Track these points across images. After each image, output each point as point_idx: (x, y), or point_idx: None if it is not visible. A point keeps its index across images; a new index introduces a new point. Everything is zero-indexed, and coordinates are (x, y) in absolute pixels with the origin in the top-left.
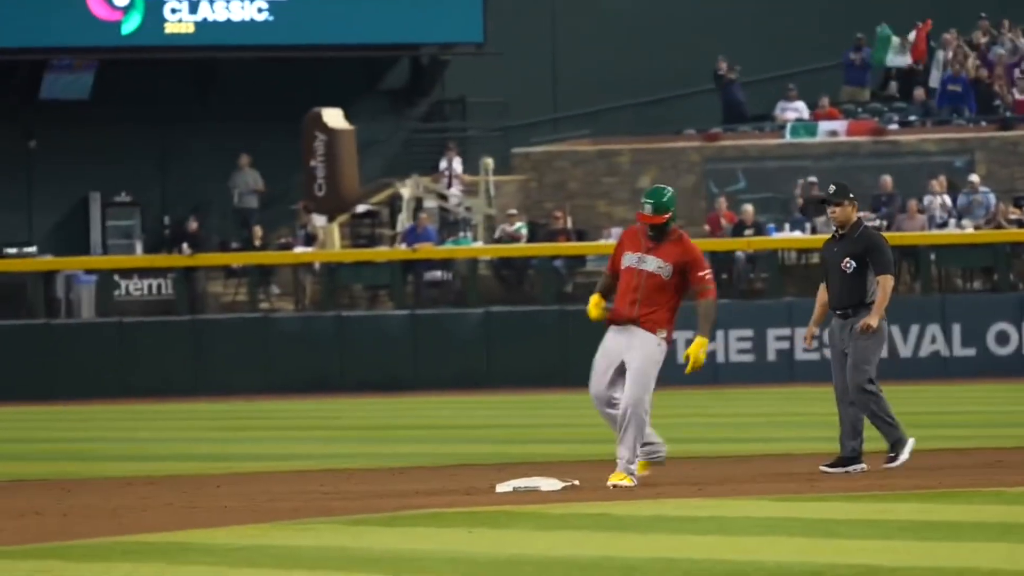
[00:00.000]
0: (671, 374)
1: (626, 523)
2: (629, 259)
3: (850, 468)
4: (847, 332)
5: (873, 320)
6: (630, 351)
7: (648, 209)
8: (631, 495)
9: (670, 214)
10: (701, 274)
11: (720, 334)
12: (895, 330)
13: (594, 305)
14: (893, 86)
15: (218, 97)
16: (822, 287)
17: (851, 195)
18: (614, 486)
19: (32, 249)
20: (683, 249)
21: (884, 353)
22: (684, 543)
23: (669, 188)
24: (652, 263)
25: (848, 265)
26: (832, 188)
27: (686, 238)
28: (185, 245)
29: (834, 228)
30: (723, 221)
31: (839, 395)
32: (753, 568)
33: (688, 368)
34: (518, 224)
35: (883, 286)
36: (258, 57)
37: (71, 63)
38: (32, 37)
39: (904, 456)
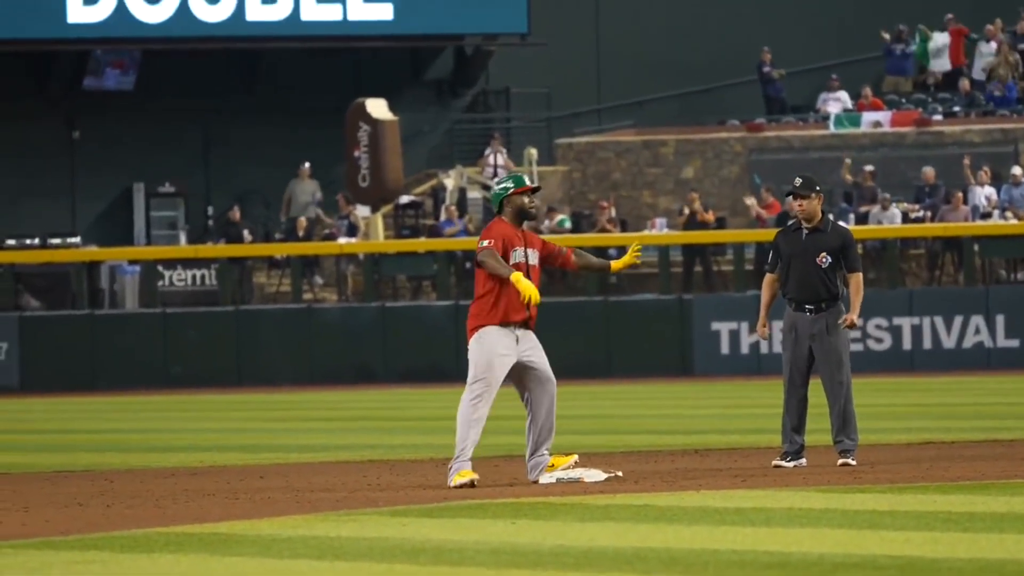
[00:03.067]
0: (716, 368)
1: (669, 514)
2: (517, 255)
3: (799, 462)
4: (818, 327)
5: (857, 317)
6: (535, 351)
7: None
8: (673, 487)
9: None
10: (559, 248)
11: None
12: (939, 321)
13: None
14: (931, 77)
15: (262, 87)
16: (771, 277)
17: (818, 188)
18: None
19: (76, 239)
20: (536, 236)
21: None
22: (727, 534)
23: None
24: (532, 256)
25: (824, 260)
26: (798, 181)
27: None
28: (246, 232)
29: (794, 220)
30: (760, 212)
31: (796, 390)
32: (796, 559)
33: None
34: (560, 218)
35: (859, 283)
36: (302, 47)
37: (114, 58)
38: (75, 27)
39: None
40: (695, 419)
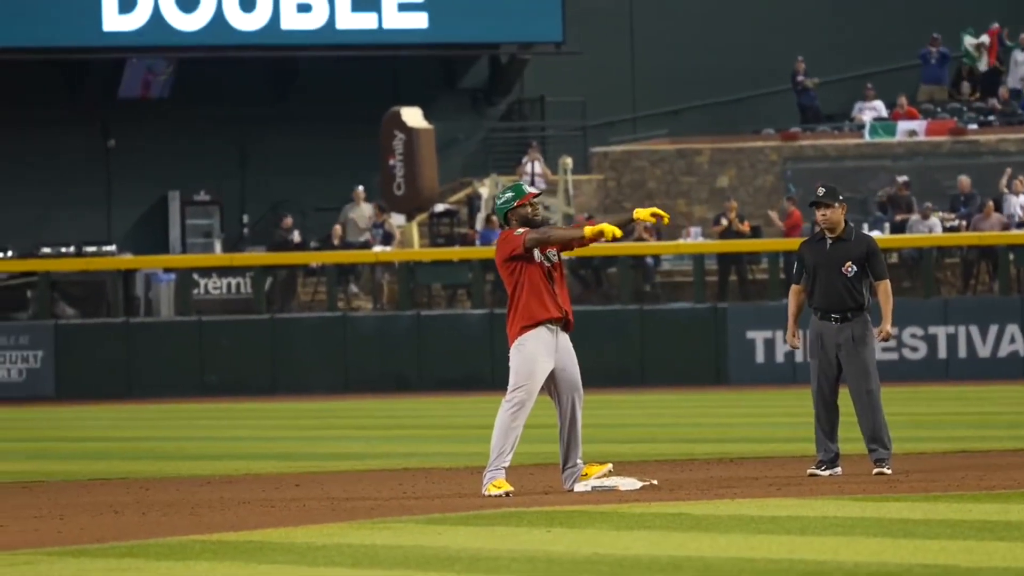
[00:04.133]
0: (751, 377)
1: (704, 523)
2: (537, 254)
3: (834, 470)
4: (845, 336)
5: (890, 327)
6: (569, 357)
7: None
8: (708, 495)
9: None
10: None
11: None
12: (974, 330)
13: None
14: (966, 86)
15: (297, 95)
16: (796, 288)
17: (841, 198)
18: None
19: (111, 248)
20: None
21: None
22: (762, 543)
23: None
24: (553, 254)
25: (850, 269)
26: (822, 190)
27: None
28: (296, 233)
29: (818, 230)
30: (779, 225)
31: (825, 399)
32: (831, 568)
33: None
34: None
35: (887, 292)
36: (337, 56)
37: (149, 64)
38: (110, 36)
39: (888, 470)
40: (730, 428)
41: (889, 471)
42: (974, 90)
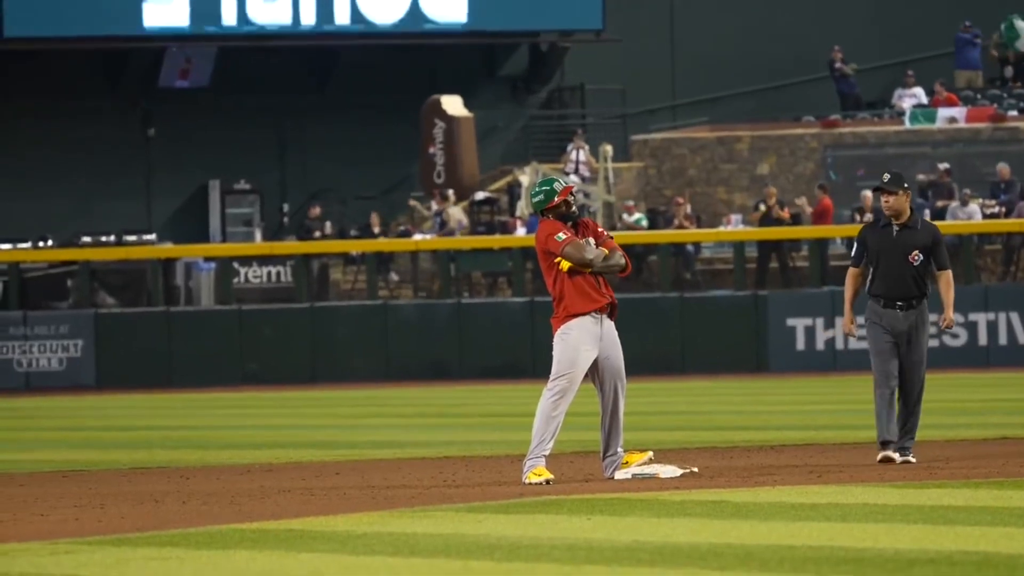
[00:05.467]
0: (791, 365)
1: (744, 510)
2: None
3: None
4: (908, 324)
5: (953, 316)
6: (613, 347)
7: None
8: (748, 482)
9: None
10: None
11: (840, 322)
12: (1014, 316)
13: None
14: (1009, 71)
15: (337, 84)
16: (855, 272)
17: (906, 185)
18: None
19: (151, 236)
20: (591, 223)
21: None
22: (802, 530)
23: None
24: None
25: (917, 257)
26: (887, 176)
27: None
28: (328, 224)
29: (879, 217)
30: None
31: (889, 380)
32: (872, 555)
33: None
34: (637, 215)
35: (949, 281)
36: (377, 44)
37: (189, 54)
38: (151, 25)
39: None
40: (770, 415)
41: (914, 460)
42: (1016, 76)
